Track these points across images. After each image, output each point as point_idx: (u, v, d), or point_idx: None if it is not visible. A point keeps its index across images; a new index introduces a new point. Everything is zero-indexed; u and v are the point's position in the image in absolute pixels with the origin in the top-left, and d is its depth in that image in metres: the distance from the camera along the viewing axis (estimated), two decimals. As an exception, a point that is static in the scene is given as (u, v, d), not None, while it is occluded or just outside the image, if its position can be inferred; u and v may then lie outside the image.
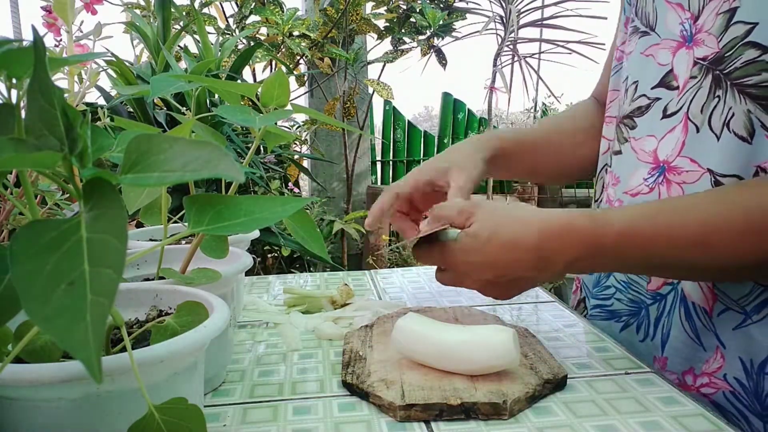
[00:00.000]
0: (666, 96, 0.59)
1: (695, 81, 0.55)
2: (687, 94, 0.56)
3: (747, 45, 0.51)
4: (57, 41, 0.74)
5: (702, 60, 0.55)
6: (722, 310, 0.55)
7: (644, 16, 0.63)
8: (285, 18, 2.44)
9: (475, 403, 0.46)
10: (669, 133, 0.58)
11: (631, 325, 0.66)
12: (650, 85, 0.61)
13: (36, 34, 0.26)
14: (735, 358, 0.55)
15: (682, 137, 0.56)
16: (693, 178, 0.55)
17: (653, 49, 0.61)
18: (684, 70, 0.57)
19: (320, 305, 0.72)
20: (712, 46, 0.54)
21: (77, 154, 0.27)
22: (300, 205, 0.35)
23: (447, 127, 4.18)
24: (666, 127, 0.58)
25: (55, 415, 0.31)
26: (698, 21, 0.55)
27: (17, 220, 0.49)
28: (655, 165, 0.59)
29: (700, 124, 0.55)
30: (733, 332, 0.55)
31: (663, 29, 0.60)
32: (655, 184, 0.59)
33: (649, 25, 0.62)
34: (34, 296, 0.22)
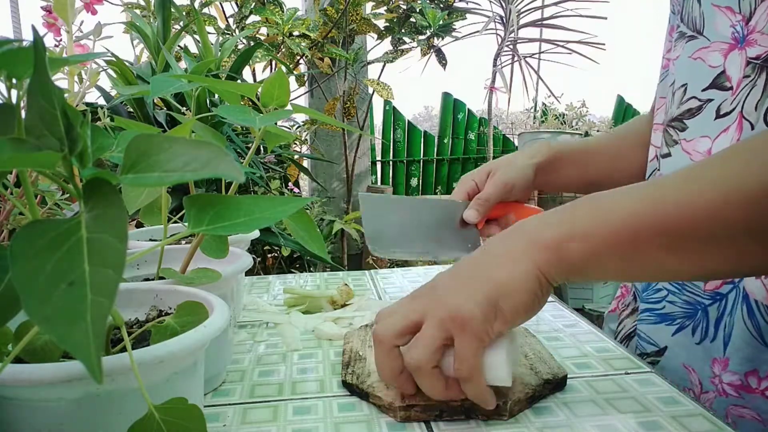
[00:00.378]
0: (719, 97, 0.59)
1: (749, 80, 0.55)
2: (741, 93, 0.56)
3: None
4: (57, 41, 0.74)
5: (755, 59, 0.55)
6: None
7: (691, 20, 0.63)
8: (285, 18, 2.44)
9: (476, 403, 0.46)
10: (723, 133, 0.57)
11: (687, 327, 0.63)
12: (701, 87, 0.60)
13: (36, 34, 0.26)
14: None
15: (737, 135, 0.56)
16: None
17: (702, 52, 0.61)
18: (737, 71, 0.56)
19: (320, 305, 0.72)
20: (765, 44, 0.54)
21: (77, 154, 0.27)
22: (300, 205, 0.35)
23: (447, 127, 4.18)
24: (720, 127, 0.58)
25: (55, 415, 0.31)
26: (750, 22, 0.56)
27: (17, 220, 0.49)
28: None
29: (755, 122, 0.55)
30: None
31: (712, 32, 0.60)
32: None
33: (696, 29, 0.62)
34: (34, 296, 0.22)
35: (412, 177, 4.17)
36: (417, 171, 4.17)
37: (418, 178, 4.18)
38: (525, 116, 4.85)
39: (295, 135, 2.60)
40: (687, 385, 0.62)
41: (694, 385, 0.62)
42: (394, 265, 3.40)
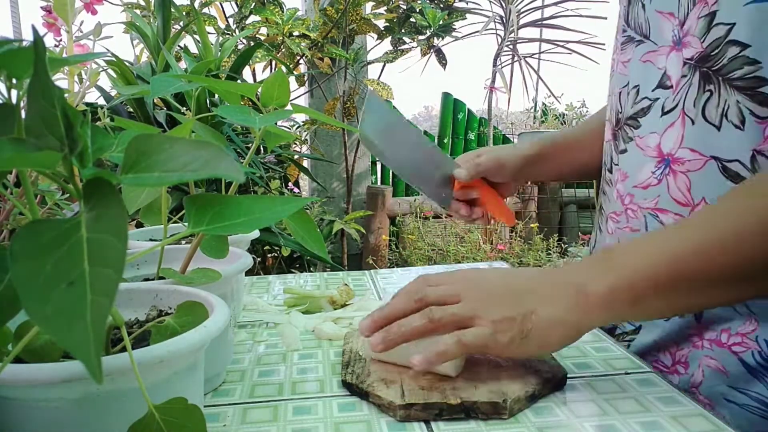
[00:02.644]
0: (663, 95, 0.64)
1: (686, 79, 0.61)
2: (681, 91, 0.62)
3: (729, 43, 0.57)
4: (57, 41, 0.74)
5: (689, 60, 0.60)
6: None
7: (637, 25, 0.68)
8: (285, 18, 2.44)
9: (475, 403, 0.46)
10: (669, 128, 0.63)
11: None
12: (651, 88, 0.66)
13: (36, 34, 0.26)
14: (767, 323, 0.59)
15: (681, 130, 0.62)
16: (697, 166, 0.60)
17: (651, 55, 0.66)
18: (676, 71, 0.62)
19: (320, 305, 0.72)
20: (697, 46, 0.60)
21: (77, 154, 0.27)
22: (300, 205, 0.35)
23: (447, 127, 4.18)
24: (666, 123, 0.63)
25: (55, 415, 0.31)
26: (684, 26, 0.61)
27: (17, 220, 0.49)
28: (660, 158, 0.64)
29: (695, 117, 0.60)
30: (764, 301, 0.59)
31: (658, 37, 0.65)
32: (663, 176, 0.64)
33: (642, 34, 0.67)
34: (34, 296, 0.22)
35: (412, 177, 4.16)
36: (417, 171, 4.16)
37: (418, 178, 4.17)
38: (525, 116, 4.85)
39: (295, 135, 2.61)
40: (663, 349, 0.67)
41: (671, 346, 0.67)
42: (393, 265, 3.40)
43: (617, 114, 0.72)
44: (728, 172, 0.58)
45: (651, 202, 0.65)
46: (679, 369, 0.65)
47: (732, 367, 0.61)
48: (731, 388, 0.61)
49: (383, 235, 3.24)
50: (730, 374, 0.61)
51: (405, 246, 3.36)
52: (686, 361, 0.65)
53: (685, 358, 0.65)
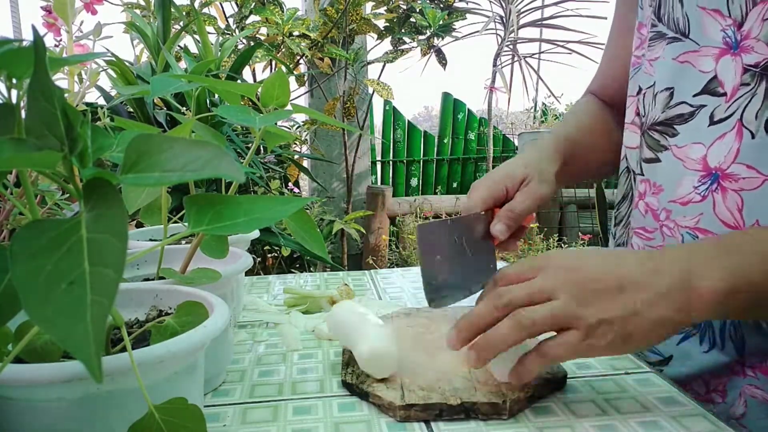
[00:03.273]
0: (711, 103, 0.58)
1: (748, 88, 0.55)
2: (739, 100, 0.56)
3: None
4: (57, 41, 0.74)
5: (753, 66, 0.54)
6: None
7: (672, 21, 0.62)
8: (285, 18, 2.44)
9: (475, 403, 0.46)
10: (719, 140, 0.57)
11: (693, 336, 0.62)
12: (692, 93, 0.60)
13: (36, 34, 0.26)
14: None
15: (737, 144, 0.56)
16: (753, 185, 0.55)
17: (690, 56, 0.60)
18: (732, 77, 0.56)
19: (320, 305, 0.72)
20: (762, 51, 0.53)
21: (77, 154, 0.27)
22: (300, 205, 0.35)
23: (447, 127, 4.18)
24: (714, 134, 0.57)
25: (55, 415, 0.31)
26: (743, 27, 0.55)
27: (17, 220, 0.49)
28: (705, 173, 0.58)
29: (755, 130, 0.54)
30: None
31: (700, 36, 0.59)
32: (708, 192, 0.57)
33: (679, 31, 0.61)
34: (34, 296, 0.22)
35: (412, 177, 4.17)
36: (417, 171, 4.17)
37: (418, 178, 4.18)
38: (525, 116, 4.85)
39: (295, 135, 2.61)
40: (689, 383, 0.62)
41: (705, 373, 0.61)
42: (393, 265, 3.40)
43: (641, 117, 0.67)
44: None
45: (691, 221, 0.59)
46: (715, 398, 0.60)
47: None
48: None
49: (383, 235, 3.24)
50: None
51: (405, 246, 3.36)
52: (724, 390, 0.59)
53: (723, 386, 0.60)
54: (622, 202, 0.74)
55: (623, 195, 0.73)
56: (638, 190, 0.67)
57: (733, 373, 0.59)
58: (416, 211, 3.54)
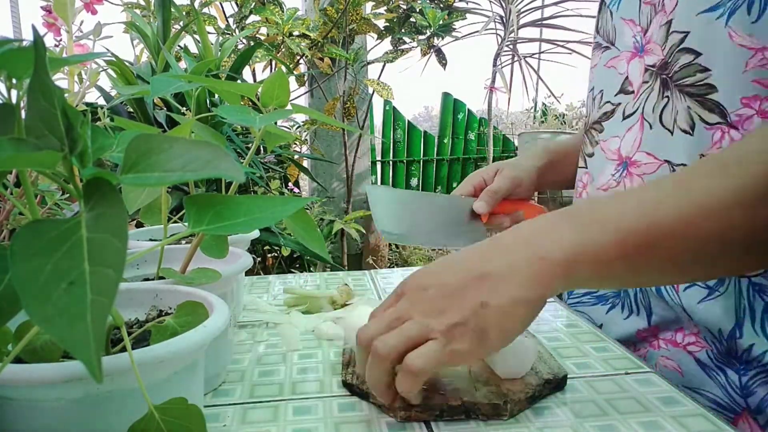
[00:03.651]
0: (625, 100, 0.67)
1: (647, 85, 0.63)
2: (641, 96, 0.64)
3: (682, 51, 0.59)
4: (57, 41, 0.74)
5: (651, 66, 0.63)
6: (687, 286, 0.60)
7: (605, 32, 0.71)
8: (285, 18, 2.44)
9: (476, 404, 0.46)
10: (628, 132, 0.65)
11: (617, 305, 0.71)
12: (613, 93, 0.68)
13: (36, 34, 0.26)
14: (704, 328, 0.60)
15: (639, 135, 0.64)
16: (651, 169, 0.63)
17: (614, 61, 0.69)
18: (637, 76, 0.65)
19: (320, 305, 0.72)
20: (658, 53, 0.62)
21: (77, 154, 0.27)
22: (300, 205, 0.35)
23: (447, 127, 4.18)
24: (626, 126, 0.66)
25: (55, 415, 0.31)
26: (647, 33, 0.64)
27: (17, 220, 0.49)
28: (619, 161, 0.67)
29: (653, 122, 0.62)
30: (698, 305, 0.59)
31: (621, 43, 0.68)
32: (621, 178, 0.66)
33: (609, 41, 0.70)
34: (34, 296, 0.22)
35: (412, 177, 4.17)
36: (417, 171, 4.17)
37: (418, 178, 4.18)
38: (525, 116, 4.85)
39: (295, 135, 2.60)
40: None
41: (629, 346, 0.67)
42: (393, 265, 3.40)
43: (586, 119, 0.76)
44: None
45: None
46: None
47: (687, 366, 0.61)
48: (685, 388, 0.60)
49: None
50: (685, 374, 0.62)
51: (405, 246, 3.36)
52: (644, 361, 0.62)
53: (643, 359, 0.63)
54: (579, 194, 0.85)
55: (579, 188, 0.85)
56: (582, 181, 0.76)
57: (650, 346, 0.66)
58: (416, 211, 3.53)
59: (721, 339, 0.58)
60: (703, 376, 0.60)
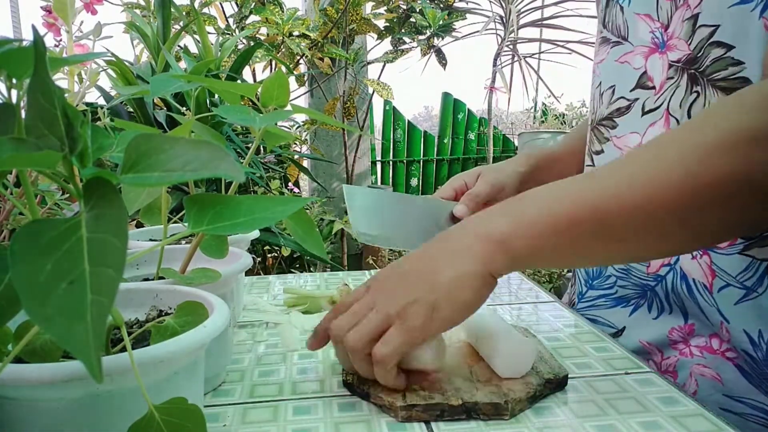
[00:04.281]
0: (643, 95, 0.65)
1: (672, 81, 0.62)
2: (666, 92, 0.63)
3: (713, 45, 0.58)
4: (57, 41, 0.74)
5: (676, 62, 0.62)
6: (722, 286, 0.59)
7: (615, 27, 0.69)
8: (285, 18, 2.44)
9: (476, 403, 0.46)
10: (650, 128, 0.64)
11: (642, 306, 0.68)
12: (628, 88, 0.67)
13: (36, 34, 0.26)
14: (740, 332, 0.58)
15: (666, 130, 0.62)
16: None
17: (628, 56, 0.67)
18: (659, 72, 0.63)
19: (320, 305, 0.72)
20: (683, 49, 0.61)
21: (77, 153, 0.27)
22: (300, 205, 0.35)
23: (447, 127, 4.18)
24: (647, 122, 0.64)
25: (55, 415, 0.31)
26: (668, 29, 0.63)
27: (17, 220, 0.49)
28: None
29: (680, 118, 0.61)
30: (735, 307, 0.58)
31: (635, 38, 0.66)
32: None
33: (621, 36, 0.68)
34: (34, 296, 0.22)
35: (412, 177, 4.17)
36: (417, 171, 4.17)
37: (418, 178, 4.18)
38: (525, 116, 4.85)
39: (295, 135, 2.60)
40: (646, 356, 0.67)
41: (655, 354, 0.67)
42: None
43: (592, 115, 0.74)
44: None
45: None
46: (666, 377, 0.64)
47: (727, 374, 0.60)
48: (728, 397, 0.60)
49: (383, 235, 3.24)
50: (725, 382, 0.60)
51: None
52: (674, 370, 0.64)
53: (672, 367, 0.64)
54: None
55: None
56: None
57: (681, 354, 0.64)
58: (416, 211, 3.53)
59: (757, 343, 0.57)
60: (746, 384, 0.58)
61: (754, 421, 0.58)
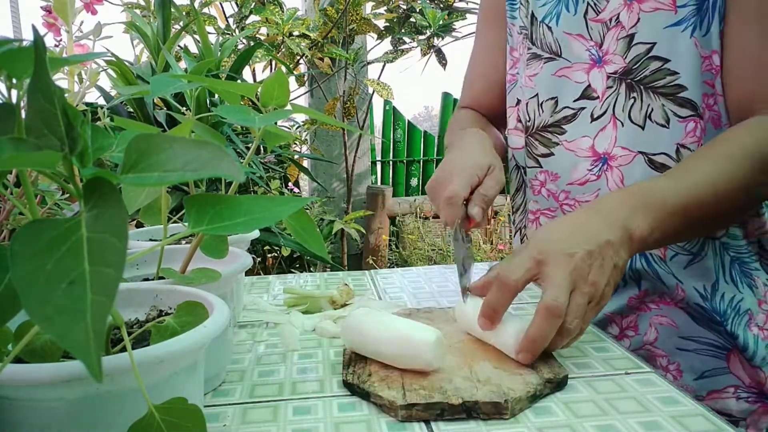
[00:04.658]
0: (589, 104, 0.75)
1: (612, 89, 0.73)
2: (608, 99, 0.73)
3: (651, 58, 0.70)
4: (57, 41, 0.74)
5: (613, 74, 0.73)
6: (673, 255, 0.72)
7: (546, 45, 0.78)
8: (285, 18, 2.44)
9: (477, 402, 0.46)
10: (601, 132, 0.74)
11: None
12: (572, 99, 0.76)
13: (36, 34, 0.26)
14: (692, 289, 0.72)
15: (614, 132, 0.73)
16: (627, 161, 0.72)
17: (566, 71, 0.77)
18: (600, 84, 0.74)
19: (320, 305, 0.72)
20: (619, 62, 0.72)
21: (77, 153, 0.27)
22: (300, 205, 0.35)
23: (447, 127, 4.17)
24: (596, 127, 0.74)
25: (55, 415, 0.31)
26: (603, 46, 0.74)
27: (17, 220, 0.49)
28: (596, 158, 0.74)
29: (623, 120, 0.72)
30: (685, 270, 0.72)
31: (570, 54, 0.76)
32: (601, 172, 0.74)
33: (553, 52, 0.78)
34: (34, 296, 0.22)
35: (412, 177, 4.17)
36: (417, 171, 4.17)
37: (418, 178, 4.18)
38: (525, 116, 4.83)
39: (295, 135, 2.60)
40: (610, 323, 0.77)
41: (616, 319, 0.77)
42: (393, 265, 3.40)
43: (525, 122, 0.81)
44: (654, 163, 0.71)
45: (591, 196, 0.75)
46: (629, 333, 0.76)
47: (680, 320, 0.73)
48: (682, 338, 0.73)
49: (383, 235, 3.24)
50: (680, 326, 0.73)
51: (405, 246, 3.36)
52: (635, 325, 0.76)
53: (634, 323, 0.76)
54: (517, 193, 0.91)
55: (516, 187, 0.90)
56: (538, 179, 0.81)
57: (639, 311, 0.75)
58: (416, 211, 3.54)
59: (705, 296, 0.71)
60: (696, 327, 0.72)
61: (704, 354, 0.72)
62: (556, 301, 0.51)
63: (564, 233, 0.57)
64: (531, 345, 0.52)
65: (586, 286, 0.54)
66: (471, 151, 0.73)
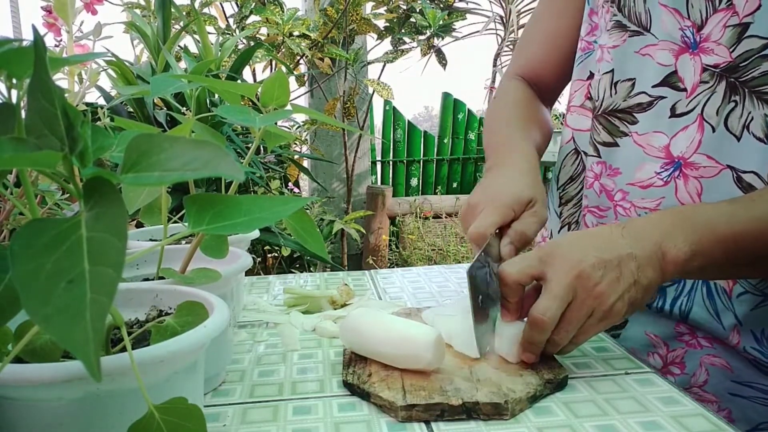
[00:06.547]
0: (672, 96, 0.62)
1: (707, 85, 0.60)
2: (699, 96, 0.61)
3: (764, 57, 0.57)
4: (57, 41, 0.75)
5: (713, 67, 0.60)
6: (741, 292, 0.61)
7: (635, 15, 0.65)
8: (285, 18, 2.44)
9: (477, 403, 0.46)
10: (681, 132, 0.62)
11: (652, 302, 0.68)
12: (650, 84, 0.64)
13: (36, 34, 0.26)
14: (748, 332, 0.61)
15: (699, 136, 0.61)
16: (712, 173, 0.61)
17: (650, 49, 0.64)
18: (691, 75, 0.61)
19: (320, 305, 0.72)
20: (723, 55, 0.59)
21: (78, 153, 0.27)
22: (300, 205, 0.35)
23: (447, 127, 4.18)
24: (677, 125, 0.62)
25: (55, 415, 0.31)
26: (702, 30, 0.60)
27: (17, 220, 0.49)
28: (668, 160, 0.63)
29: (716, 125, 0.60)
30: (750, 312, 0.61)
31: (659, 31, 0.63)
32: (671, 178, 0.63)
33: (641, 25, 0.64)
34: (34, 295, 0.22)
35: (412, 177, 4.17)
36: (417, 171, 4.17)
37: (418, 178, 4.18)
38: (525, 116, 4.83)
39: (295, 135, 2.60)
40: (651, 350, 0.68)
41: (660, 347, 0.67)
42: (393, 265, 3.40)
43: (594, 101, 0.69)
44: (742, 182, 0.59)
45: (652, 203, 0.64)
46: (673, 370, 0.66)
47: (736, 363, 0.63)
48: (736, 383, 0.63)
49: (383, 235, 3.24)
50: (735, 369, 0.63)
51: (405, 246, 3.37)
52: (682, 362, 0.66)
53: (680, 359, 0.66)
54: (570, 182, 0.78)
55: (571, 176, 0.78)
56: (593, 171, 0.70)
57: (688, 345, 0.65)
58: (416, 211, 3.54)
59: (762, 340, 0.61)
60: (754, 371, 0.62)
61: (760, 403, 0.62)
62: (543, 315, 0.49)
63: (579, 238, 0.53)
64: (527, 348, 0.52)
65: (589, 298, 0.49)
66: (513, 178, 0.63)
